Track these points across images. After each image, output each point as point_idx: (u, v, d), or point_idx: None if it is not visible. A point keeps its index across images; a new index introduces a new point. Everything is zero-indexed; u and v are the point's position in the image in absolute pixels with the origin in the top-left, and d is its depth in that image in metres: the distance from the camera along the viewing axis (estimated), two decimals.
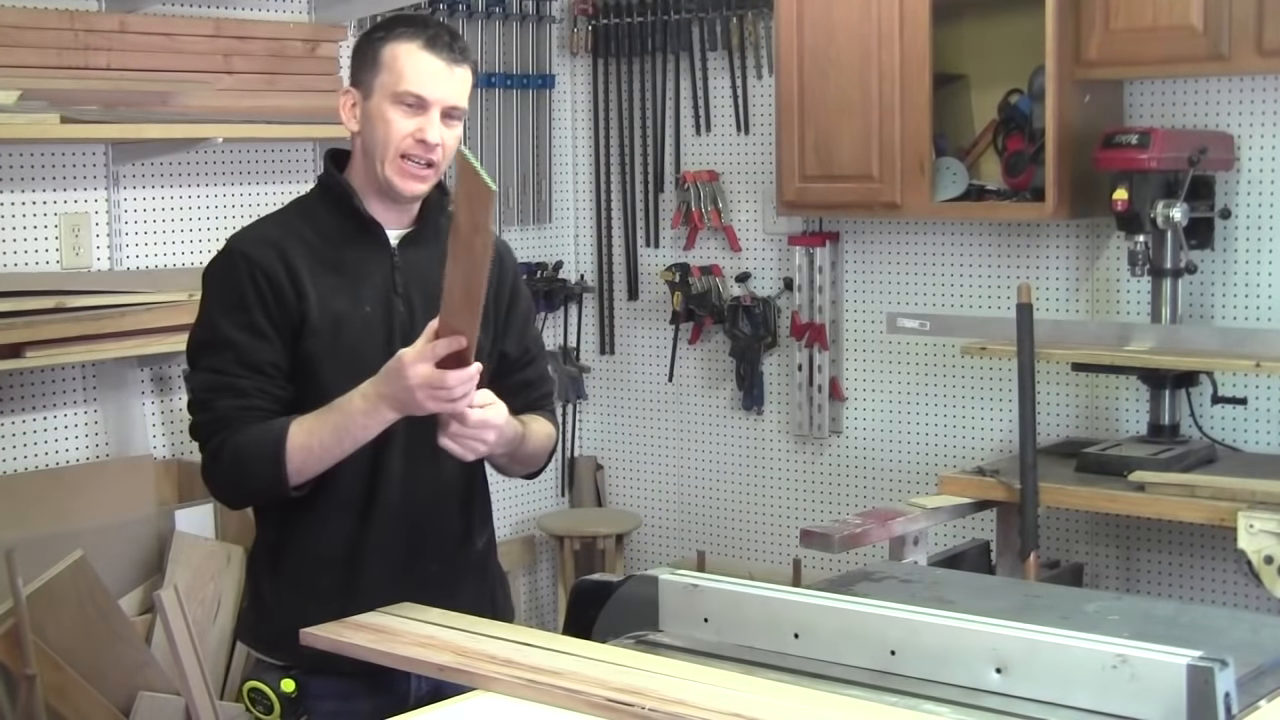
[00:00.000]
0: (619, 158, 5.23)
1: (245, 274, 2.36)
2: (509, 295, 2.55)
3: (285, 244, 2.38)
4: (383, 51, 2.38)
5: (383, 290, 2.40)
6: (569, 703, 1.89)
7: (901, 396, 4.72)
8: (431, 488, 2.44)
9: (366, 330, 2.38)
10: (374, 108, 2.37)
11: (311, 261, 2.38)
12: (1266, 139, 4.04)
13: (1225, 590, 4.15)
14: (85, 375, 3.99)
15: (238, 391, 2.33)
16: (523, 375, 2.57)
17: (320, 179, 2.49)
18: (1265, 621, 2.29)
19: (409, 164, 2.36)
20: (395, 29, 2.40)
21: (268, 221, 2.48)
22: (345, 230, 2.42)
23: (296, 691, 2.27)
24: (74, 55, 3.84)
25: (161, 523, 3.94)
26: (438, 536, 2.46)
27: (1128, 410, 4.29)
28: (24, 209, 3.88)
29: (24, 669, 3.43)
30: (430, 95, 2.35)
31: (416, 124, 2.35)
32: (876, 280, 4.73)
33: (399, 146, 2.35)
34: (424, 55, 2.36)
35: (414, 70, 2.35)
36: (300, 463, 2.29)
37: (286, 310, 2.34)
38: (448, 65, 2.37)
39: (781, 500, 5.00)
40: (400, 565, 2.41)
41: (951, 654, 1.92)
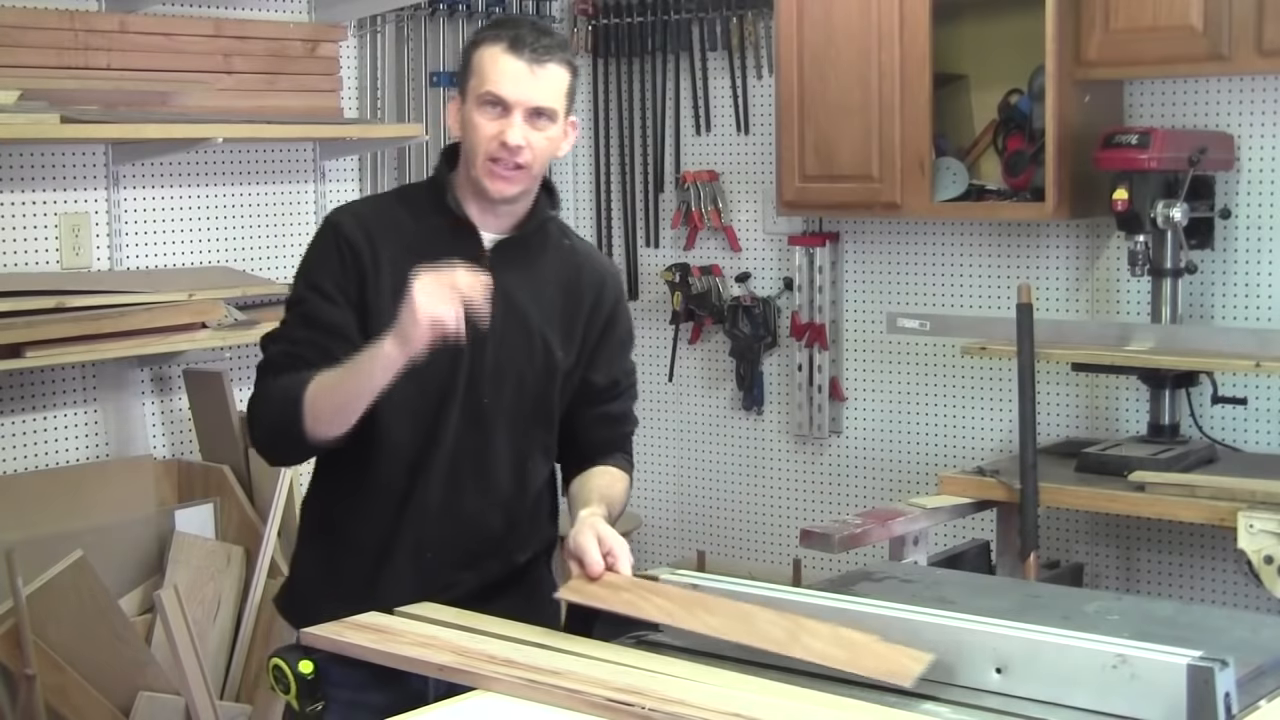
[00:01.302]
0: (619, 158, 5.23)
1: (331, 243, 2.41)
2: (604, 321, 2.52)
3: (378, 228, 2.42)
4: (473, 56, 2.40)
5: None
6: (569, 703, 1.89)
7: (901, 396, 4.72)
8: (475, 495, 2.43)
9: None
10: (467, 112, 2.40)
11: (398, 248, 2.39)
12: (1266, 139, 4.04)
13: (1225, 590, 4.15)
14: (85, 375, 3.99)
15: (290, 340, 2.40)
16: (606, 408, 2.55)
17: (433, 172, 2.51)
18: (1265, 621, 2.29)
19: (496, 166, 2.36)
20: (485, 32, 2.42)
21: (370, 202, 2.56)
22: (440, 226, 2.42)
23: (314, 674, 2.25)
24: (74, 55, 3.84)
25: (161, 523, 3.95)
26: (474, 544, 2.44)
27: (1128, 410, 4.29)
28: (24, 209, 3.88)
29: (24, 669, 3.43)
30: (509, 96, 2.35)
31: (499, 126, 2.35)
32: (876, 280, 4.73)
33: (486, 150, 2.36)
34: (505, 57, 2.36)
35: (495, 72, 2.36)
36: (315, 409, 2.29)
37: (363, 287, 2.37)
38: (529, 66, 2.36)
39: (781, 500, 5.00)
40: (427, 566, 2.40)
41: (951, 654, 1.92)
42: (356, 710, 2.26)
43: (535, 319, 2.44)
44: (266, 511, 3.93)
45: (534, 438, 2.48)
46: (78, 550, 3.55)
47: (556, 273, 2.48)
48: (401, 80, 4.72)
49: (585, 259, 2.55)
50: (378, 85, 4.66)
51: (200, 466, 4.07)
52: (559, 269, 2.49)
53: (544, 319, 2.45)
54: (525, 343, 2.43)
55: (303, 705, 2.24)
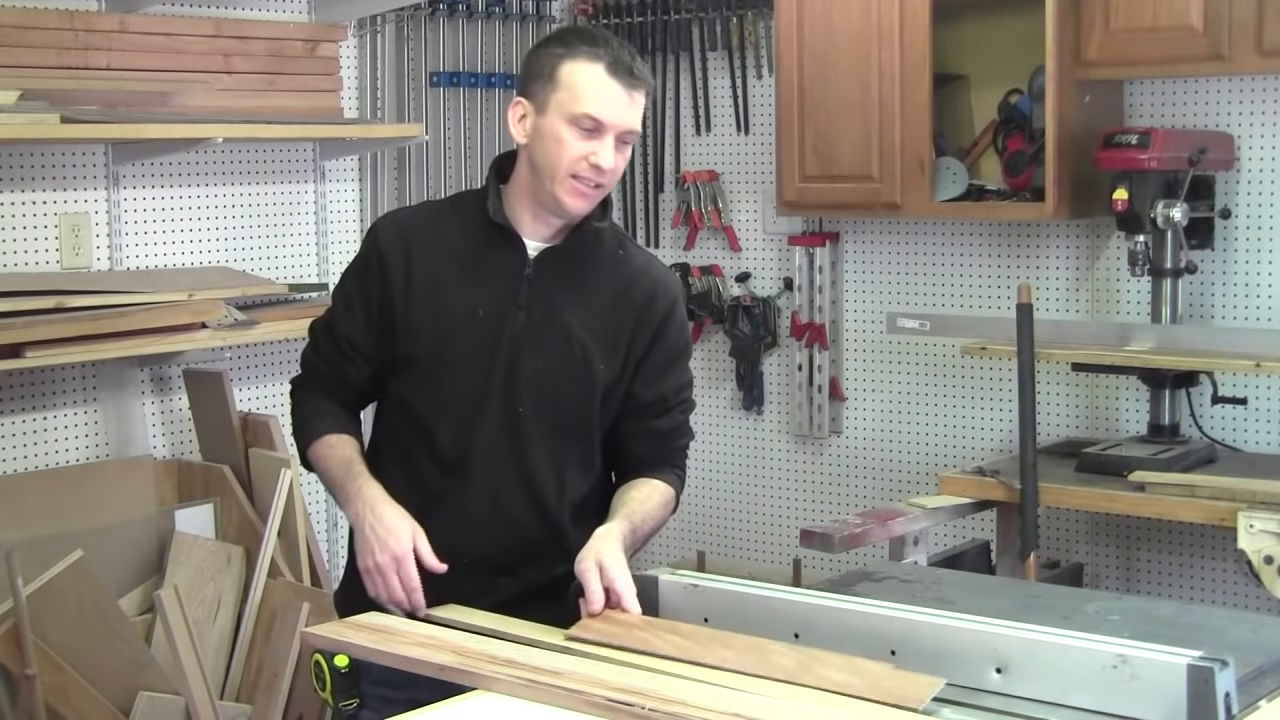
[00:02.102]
0: None
1: (366, 250, 2.47)
2: (652, 334, 2.45)
3: (418, 233, 2.44)
4: (561, 68, 2.32)
5: (504, 298, 2.39)
6: (569, 703, 1.89)
7: (901, 396, 4.72)
8: (512, 503, 2.41)
9: (472, 334, 2.38)
10: (547, 125, 2.33)
11: (439, 254, 2.41)
12: (1266, 139, 4.04)
13: (1225, 590, 4.15)
14: (85, 375, 3.99)
15: (316, 347, 2.53)
16: (653, 424, 2.49)
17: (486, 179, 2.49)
18: (1265, 621, 2.29)
19: (579, 184, 2.33)
20: (576, 46, 2.34)
21: (419, 208, 2.61)
22: (486, 233, 2.41)
23: (350, 669, 2.23)
24: (74, 55, 3.84)
25: (161, 523, 3.95)
26: (512, 551, 2.42)
27: (1128, 410, 4.29)
28: (24, 209, 3.88)
29: (24, 669, 3.43)
30: (609, 120, 2.31)
31: (591, 147, 2.31)
32: (876, 280, 4.73)
33: (571, 168, 2.32)
34: (606, 79, 2.31)
35: (594, 94, 2.30)
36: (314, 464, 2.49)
37: (389, 297, 2.40)
38: (627, 90, 2.32)
39: (781, 500, 5.00)
40: (464, 570, 2.36)
41: (951, 654, 1.92)
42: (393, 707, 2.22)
43: (577, 330, 2.40)
44: (266, 511, 3.93)
45: (571, 448, 2.44)
46: (78, 550, 3.55)
47: (605, 283, 2.44)
48: (401, 80, 4.72)
49: (639, 270, 2.49)
50: (378, 85, 4.66)
51: (200, 466, 4.07)
52: (609, 279, 2.44)
53: (586, 330, 2.41)
54: (565, 354, 2.40)
55: (337, 700, 2.22)
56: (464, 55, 4.90)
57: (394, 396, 2.45)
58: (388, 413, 2.49)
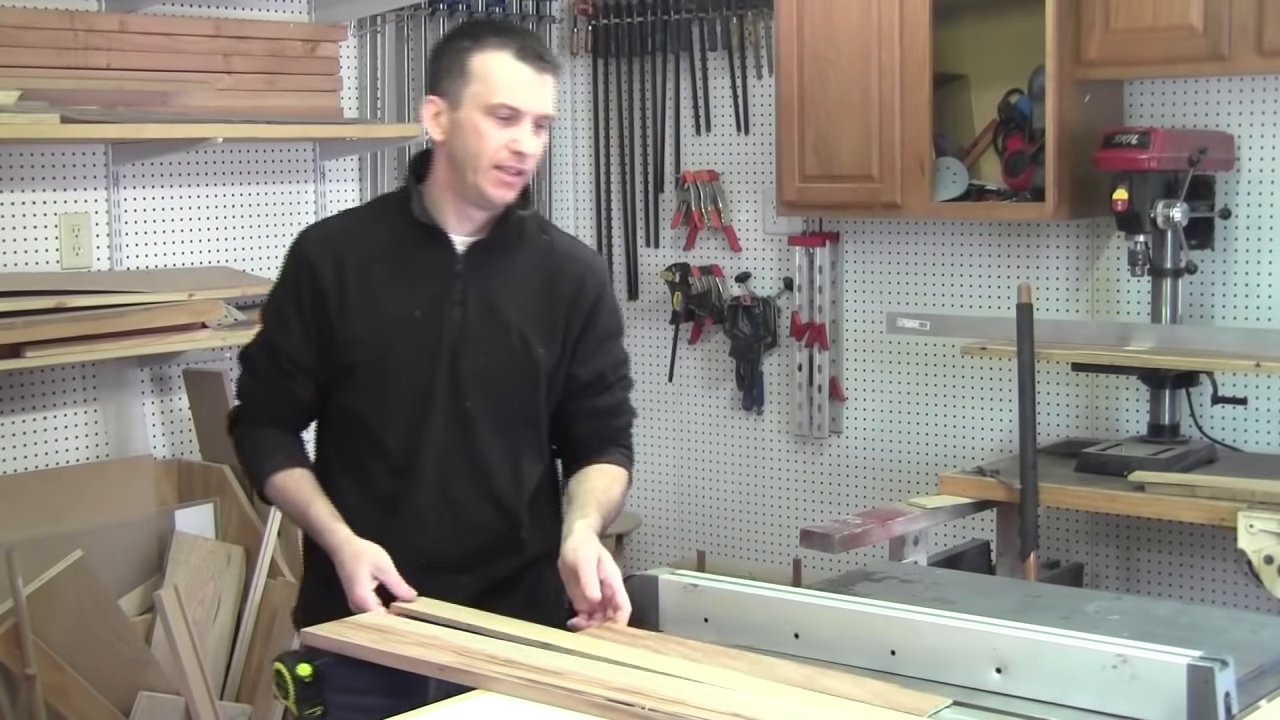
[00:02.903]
0: (619, 158, 5.23)
1: (294, 266, 2.46)
2: (585, 315, 2.49)
3: (345, 242, 2.44)
4: (471, 61, 2.35)
5: (438, 296, 2.41)
6: (569, 703, 1.89)
7: (901, 396, 4.72)
8: (466, 498, 2.44)
9: (411, 334, 2.40)
10: (464, 118, 2.36)
11: (369, 261, 2.42)
12: (1266, 139, 4.04)
13: (1225, 590, 4.15)
14: (85, 375, 3.99)
15: (253, 373, 2.52)
16: (594, 403, 2.53)
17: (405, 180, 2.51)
18: (1265, 621, 2.29)
19: (502, 173, 2.36)
20: (483, 37, 2.37)
21: (342, 217, 2.57)
22: (412, 234, 2.43)
23: (313, 677, 2.25)
24: (74, 55, 3.84)
25: (161, 523, 3.95)
26: (468, 547, 2.44)
27: (1128, 410, 4.29)
28: (24, 209, 3.88)
29: (24, 669, 3.43)
30: (524, 106, 2.34)
31: (510, 134, 2.34)
32: (876, 280, 4.73)
33: (493, 158, 2.35)
34: (517, 65, 2.34)
35: (507, 82, 2.33)
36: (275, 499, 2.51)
37: (324, 309, 2.41)
38: (538, 74, 2.36)
39: (781, 500, 5.00)
40: (424, 570, 2.38)
41: (951, 654, 1.92)
42: (354, 714, 2.26)
43: (514, 319, 2.43)
44: (266, 511, 3.92)
45: (522, 439, 2.48)
46: (78, 550, 3.55)
47: (534, 270, 2.47)
48: (401, 80, 4.71)
49: (565, 254, 2.53)
50: (378, 85, 4.66)
51: (200, 466, 4.07)
52: (537, 266, 2.48)
53: (523, 318, 2.44)
54: (505, 345, 2.43)
55: (301, 709, 2.24)
56: None
57: (339, 406, 2.46)
58: (334, 423, 2.49)
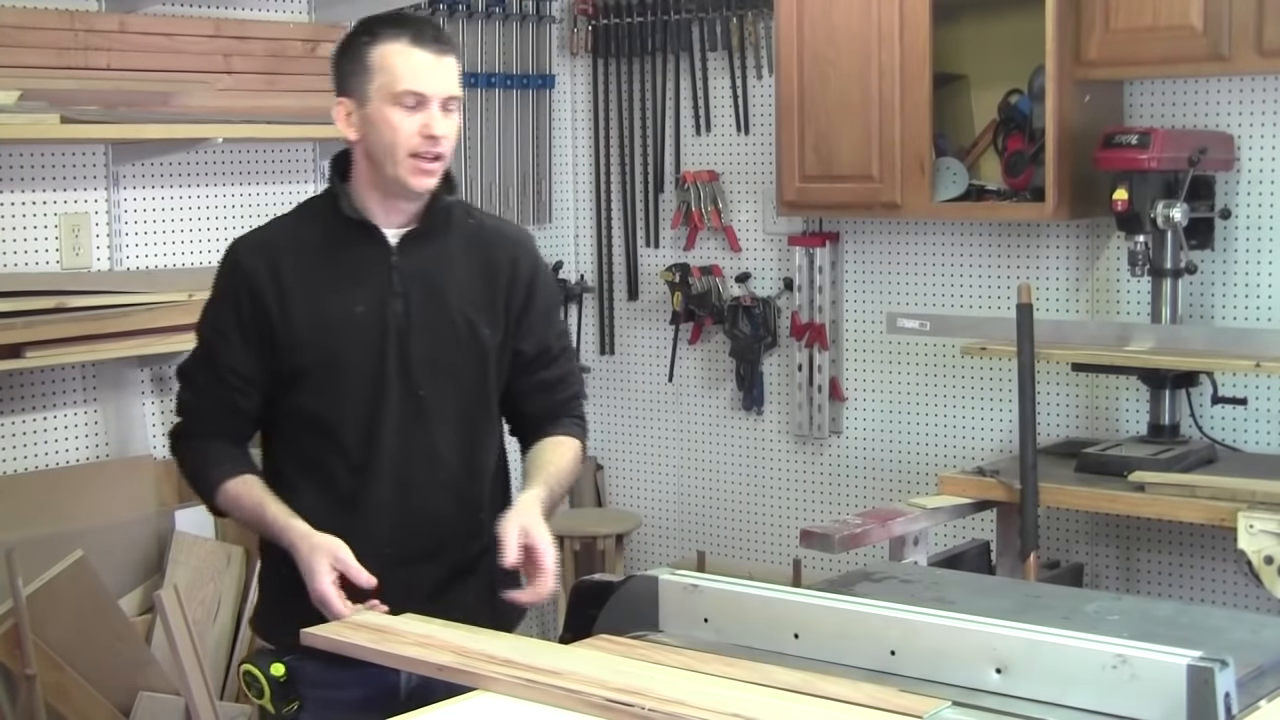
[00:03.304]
0: (619, 158, 5.23)
1: (229, 278, 2.48)
2: (524, 291, 2.54)
3: (278, 249, 2.46)
4: (371, 55, 2.41)
5: (378, 290, 2.44)
6: (569, 703, 1.89)
7: (901, 396, 4.72)
8: (426, 488, 2.46)
9: (357, 330, 2.43)
10: (374, 112, 2.41)
11: (304, 264, 2.44)
12: (1266, 139, 4.04)
13: (1225, 590, 4.15)
14: (85, 375, 3.99)
15: (195, 388, 2.51)
16: (541, 375, 2.58)
17: (327, 182, 2.55)
18: (1265, 621, 2.29)
19: (419, 161, 2.40)
20: (378, 31, 2.42)
21: (271, 225, 2.56)
22: (343, 232, 2.46)
23: (286, 676, 2.29)
24: (74, 55, 3.84)
25: (161, 523, 3.95)
26: (430, 536, 2.47)
27: (1128, 410, 4.29)
28: (24, 209, 3.88)
29: (24, 669, 3.43)
30: (428, 90, 2.39)
31: (420, 120, 2.39)
32: (876, 280, 4.73)
33: (407, 146, 2.39)
34: (414, 51, 2.39)
35: (408, 68, 2.38)
36: (226, 507, 2.49)
37: (265, 318, 2.43)
38: (436, 57, 2.40)
39: (781, 500, 5.00)
40: (388, 562, 2.42)
41: (951, 654, 1.92)
42: (331, 707, 2.31)
43: (455, 303, 2.48)
44: None
45: (477, 422, 2.51)
46: (78, 550, 3.56)
47: (468, 253, 2.52)
48: None
49: (494, 234, 2.58)
50: None
51: None
52: (469, 249, 2.53)
53: (464, 301, 2.49)
54: (451, 329, 2.47)
55: (278, 708, 2.27)
56: (464, 55, 4.89)
57: (291, 410, 2.47)
58: (285, 428, 2.50)
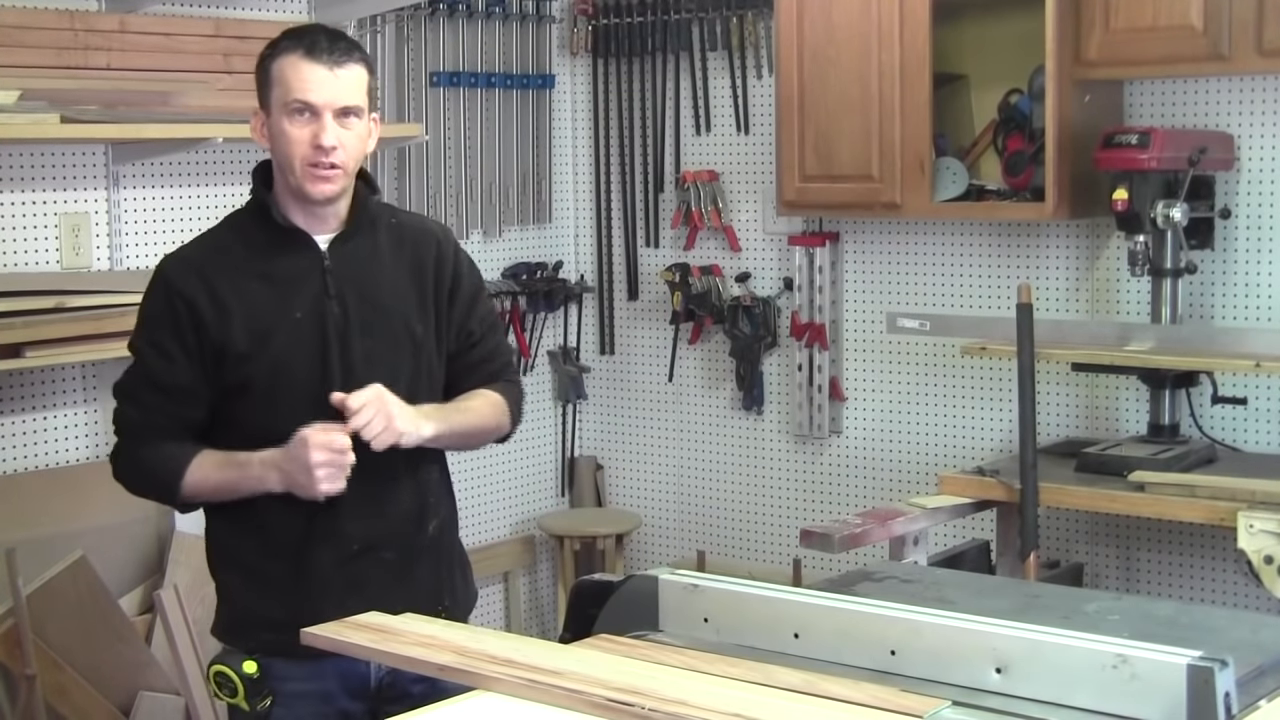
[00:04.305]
0: (619, 158, 5.23)
1: (163, 297, 2.50)
2: (450, 281, 2.62)
3: (210, 264, 2.50)
4: (272, 68, 2.48)
5: (314, 295, 2.49)
6: (569, 703, 1.88)
7: (901, 396, 4.72)
8: (379, 477, 2.50)
9: (297, 336, 2.47)
10: (274, 123, 2.48)
11: (238, 276, 2.48)
12: (1266, 139, 4.04)
13: (1225, 590, 4.15)
14: (85, 375, 3.99)
15: (141, 405, 2.52)
16: (469, 356, 2.66)
17: (251, 194, 2.58)
18: (1265, 621, 2.29)
19: (315, 170, 2.45)
20: (280, 44, 2.50)
21: (198, 241, 2.59)
22: (273, 241, 2.51)
23: (259, 672, 2.33)
24: (74, 55, 3.84)
25: (161, 523, 3.95)
26: (388, 523, 2.54)
27: (1128, 410, 4.29)
28: (24, 209, 3.88)
29: (24, 669, 3.43)
30: (317, 100, 2.45)
31: (311, 131, 2.44)
32: (876, 280, 4.73)
33: (302, 156, 2.44)
34: (304, 64, 2.45)
35: (298, 80, 2.44)
36: (193, 494, 2.50)
37: (205, 334, 2.45)
38: (329, 68, 2.45)
39: (781, 500, 5.00)
40: (349, 553, 2.50)
41: (951, 654, 1.92)
42: (302, 700, 2.36)
43: (388, 301, 2.54)
44: None
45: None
46: (78, 550, 3.56)
47: (394, 252, 2.58)
48: (401, 80, 4.72)
49: (415, 231, 2.65)
50: (377, 85, 4.66)
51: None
52: (395, 248, 2.59)
53: (396, 299, 2.55)
54: (387, 327, 2.53)
55: (253, 704, 2.32)
56: (464, 55, 4.90)
57: (236, 424, 2.49)
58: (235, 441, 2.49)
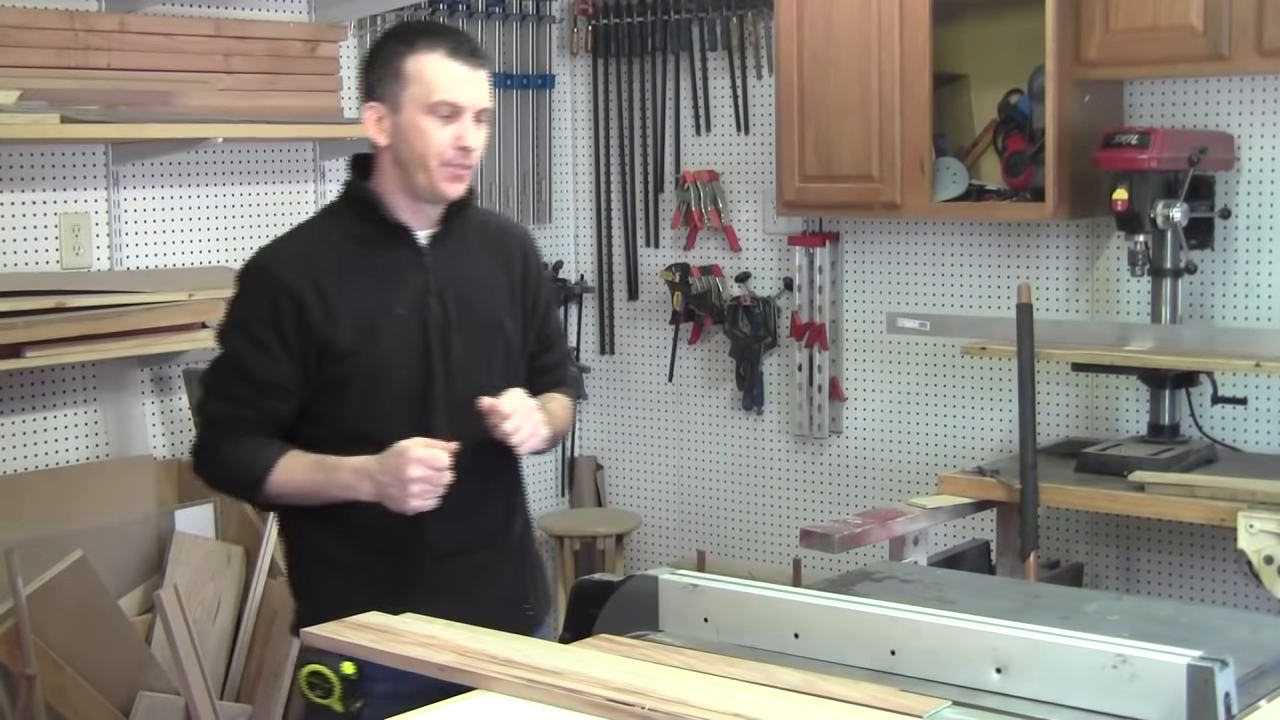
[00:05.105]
0: (619, 158, 5.23)
1: (264, 291, 2.45)
2: (535, 282, 2.64)
3: (314, 259, 2.47)
4: (406, 65, 2.44)
5: (417, 292, 2.48)
6: (569, 703, 1.88)
7: (901, 396, 4.72)
8: (473, 478, 2.49)
9: (399, 333, 2.46)
10: (407, 120, 2.44)
11: (341, 271, 2.46)
12: (1266, 139, 4.04)
13: (1225, 590, 4.15)
14: (85, 375, 3.99)
15: (231, 399, 2.48)
16: (543, 360, 2.69)
17: (345, 187, 2.57)
18: (1265, 621, 2.29)
19: (451, 169, 2.45)
20: (414, 40, 2.46)
21: (297, 236, 2.56)
22: (375, 236, 2.50)
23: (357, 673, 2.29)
24: (74, 55, 3.84)
25: (161, 523, 3.95)
26: (481, 524, 2.55)
27: (1128, 410, 4.29)
28: (24, 209, 3.88)
29: (24, 669, 3.43)
30: (464, 101, 2.44)
31: (454, 132, 2.44)
32: (876, 280, 4.73)
33: (441, 156, 2.43)
34: (450, 64, 2.43)
35: (444, 80, 2.42)
36: (277, 494, 2.47)
37: (309, 330, 2.42)
38: (472, 70, 2.45)
39: (781, 500, 5.00)
40: (445, 553, 2.50)
41: (951, 654, 1.92)
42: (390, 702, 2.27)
43: (483, 300, 2.54)
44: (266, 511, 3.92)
45: None
46: (78, 550, 3.55)
47: (485, 249, 2.59)
48: None
49: (501, 230, 2.67)
50: None
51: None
52: (486, 245, 2.61)
53: (490, 298, 2.56)
54: (482, 325, 2.54)
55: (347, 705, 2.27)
56: None
57: (327, 422, 2.47)
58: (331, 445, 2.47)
